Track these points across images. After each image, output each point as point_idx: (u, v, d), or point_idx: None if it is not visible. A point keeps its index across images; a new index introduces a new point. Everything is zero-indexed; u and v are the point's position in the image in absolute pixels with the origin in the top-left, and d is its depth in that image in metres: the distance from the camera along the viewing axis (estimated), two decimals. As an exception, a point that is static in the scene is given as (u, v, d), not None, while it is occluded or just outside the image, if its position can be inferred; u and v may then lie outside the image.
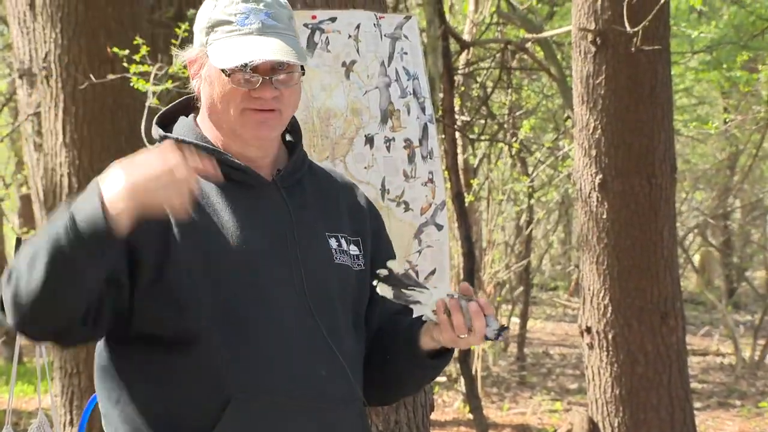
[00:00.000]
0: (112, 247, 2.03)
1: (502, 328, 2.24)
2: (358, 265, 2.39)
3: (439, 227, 3.99)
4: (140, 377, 2.24)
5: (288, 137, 2.43)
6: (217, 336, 2.20)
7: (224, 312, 2.20)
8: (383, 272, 2.28)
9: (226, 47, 2.24)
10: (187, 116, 2.38)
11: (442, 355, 2.37)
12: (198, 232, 2.22)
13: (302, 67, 2.31)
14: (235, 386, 2.20)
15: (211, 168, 2.13)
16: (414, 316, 2.32)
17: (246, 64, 2.23)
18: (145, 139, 4.78)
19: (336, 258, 2.35)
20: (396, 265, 2.29)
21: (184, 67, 2.43)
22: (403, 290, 2.27)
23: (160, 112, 2.41)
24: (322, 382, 2.27)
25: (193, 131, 2.33)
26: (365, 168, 3.86)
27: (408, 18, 4.01)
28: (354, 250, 2.39)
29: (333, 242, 2.36)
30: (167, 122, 2.38)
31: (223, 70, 2.24)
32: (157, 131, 2.36)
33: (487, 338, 2.25)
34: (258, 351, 2.22)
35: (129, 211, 1.99)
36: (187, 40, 2.42)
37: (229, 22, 2.26)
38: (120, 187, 1.99)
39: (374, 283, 2.28)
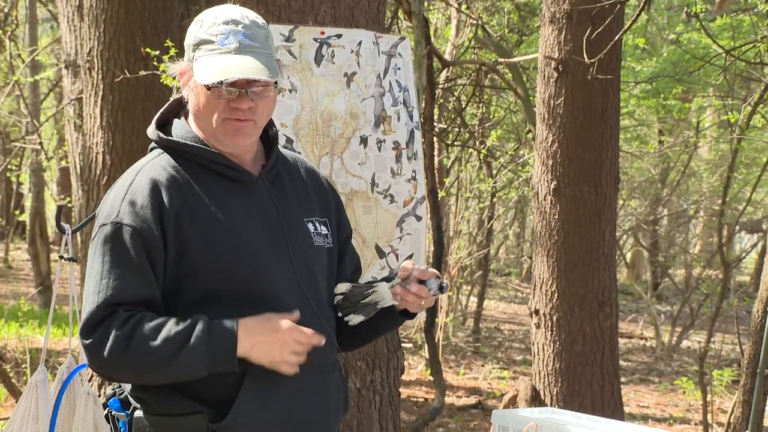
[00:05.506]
0: None
1: (441, 286, 2.31)
2: (327, 243, 2.38)
3: (419, 218, 3.96)
4: None
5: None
6: (231, 311, 2.18)
7: (236, 288, 2.18)
8: (338, 298, 2.35)
9: (207, 64, 2.19)
10: (178, 117, 2.33)
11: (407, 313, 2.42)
12: (206, 223, 2.19)
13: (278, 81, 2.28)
14: None
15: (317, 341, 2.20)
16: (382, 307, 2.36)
17: (221, 81, 2.18)
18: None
19: (315, 241, 2.34)
20: (342, 288, 2.35)
21: (173, 78, 2.40)
22: (362, 303, 2.32)
23: (158, 114, 2.35)
24: (321, 350, 2.26)
25: (190, 133, 2.28)
26: (359, 164, 3.83)
27: (402, 39, 3.98)
28: (323, 230, 2.38)
29: (310, 226, 2.35)
30: (161, 122, 2.34)
31: (205, 85, 2.20)
32: (155, 132, 2.30)
33: (434, 295, 2.32)
34: None
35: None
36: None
37: (211, 42, 2.21)
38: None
39: (343, 316, 2.34)
